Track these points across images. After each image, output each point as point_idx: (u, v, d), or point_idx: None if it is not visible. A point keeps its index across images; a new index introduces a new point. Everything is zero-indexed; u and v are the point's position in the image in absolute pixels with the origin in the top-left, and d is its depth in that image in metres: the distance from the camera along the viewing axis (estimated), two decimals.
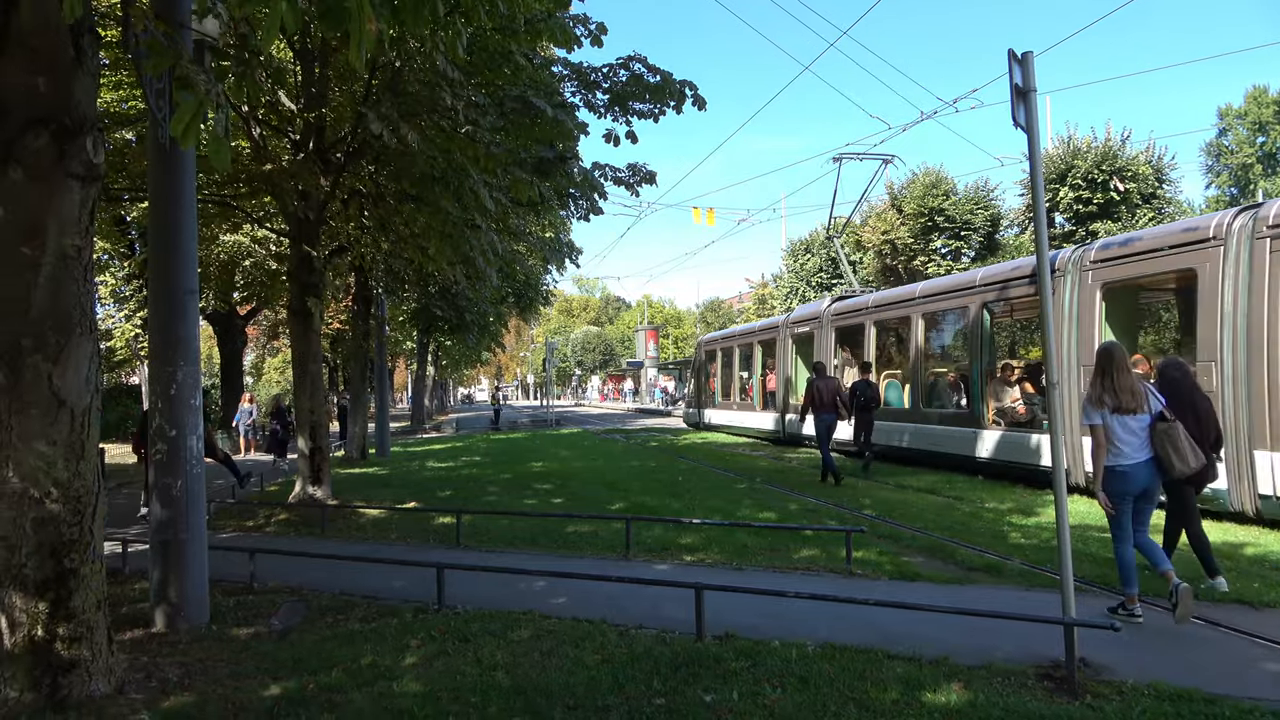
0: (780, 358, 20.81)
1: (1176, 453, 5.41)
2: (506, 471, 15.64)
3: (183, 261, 6.05)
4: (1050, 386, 4.79)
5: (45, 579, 4.03)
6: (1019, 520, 9.18)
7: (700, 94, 10.48)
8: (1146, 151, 26.14)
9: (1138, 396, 5.47)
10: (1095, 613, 5.34)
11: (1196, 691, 4.02)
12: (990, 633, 4.93)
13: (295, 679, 4.53)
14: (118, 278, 23.17)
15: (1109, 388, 5.51)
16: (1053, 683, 4.21)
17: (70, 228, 4.13)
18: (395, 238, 13.56)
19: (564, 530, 9.25)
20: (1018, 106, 4.69)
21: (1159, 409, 5.57)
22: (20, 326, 4.02)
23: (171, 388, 5.94)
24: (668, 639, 5.05)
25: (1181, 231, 9.56)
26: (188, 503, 5.96)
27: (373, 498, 12.34)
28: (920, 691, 4.08)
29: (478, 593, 6.31)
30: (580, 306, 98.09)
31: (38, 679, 4.00)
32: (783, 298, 39.54)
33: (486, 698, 4.13)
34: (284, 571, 7.43)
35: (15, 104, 3.99)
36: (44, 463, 4.04)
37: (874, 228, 31.42)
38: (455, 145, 9.44)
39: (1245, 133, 52.99)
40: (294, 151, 11.11)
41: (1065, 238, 25.23)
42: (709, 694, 4.11)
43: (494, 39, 9.03)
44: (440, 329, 27.41)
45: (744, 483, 12.94)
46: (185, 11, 5.62)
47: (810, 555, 7.57)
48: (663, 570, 7.31)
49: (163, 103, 5.63)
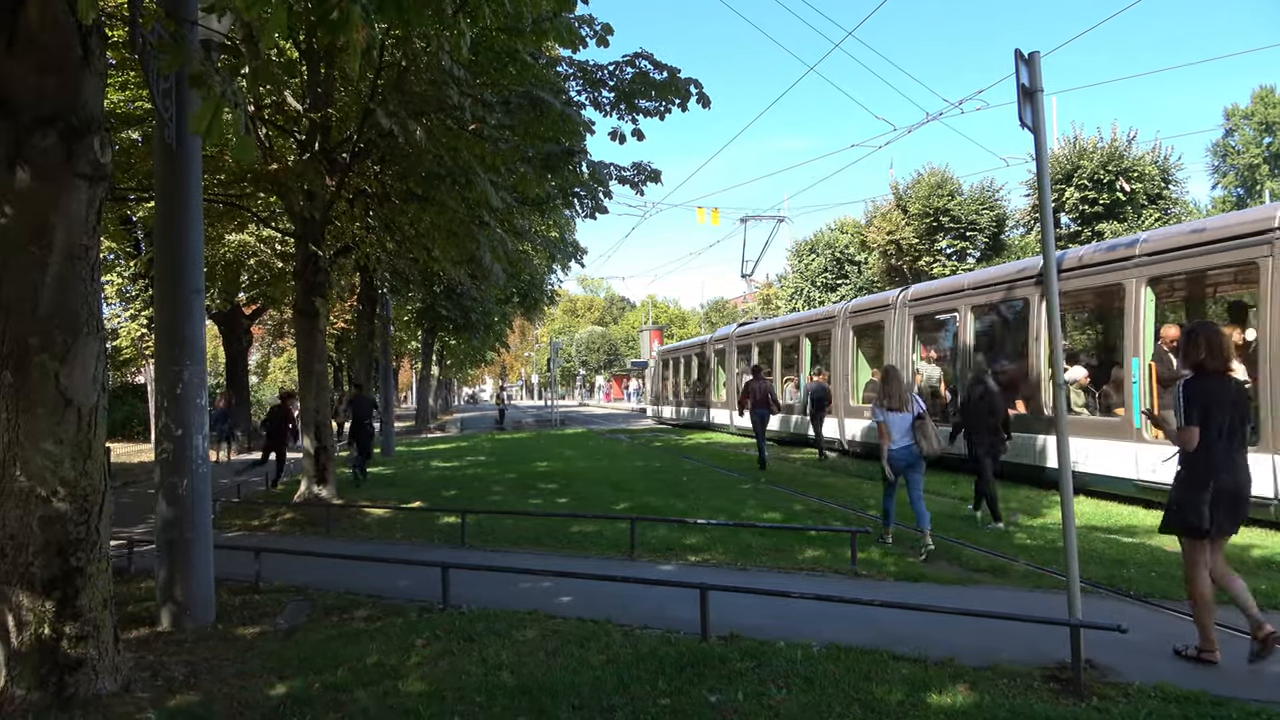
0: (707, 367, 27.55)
1: (926, 440, 7.71)
2: (511, 471, 15.66)
3: (189, 261, 6.06)
4: (1057, 387, 4.77)
5: (52, 577, 4.05)
6: (1024, 521, 9.16)
7: (705, 92, 10.48)
8: (1153, 152, 26.05)
9: (904, 401, 7.81)
10: (1102, 614, 5.33)
11: (1203, 694, 4.01)
12: (996, 634, 4.91)
13: (301, 678, 4.53)
14: (124, 277, 23.24)
15: (886, 394, 7.94)
16: (1059, 684, 4.19)
17: (77, 227, 4.15)
18: (400, 237, 13.57)
19: (569, 530, 9.25)
20: (1024, 106, 4.68)
21: (919, 410, 7.79)
22: (28, 326, 4.04)
23: (178, 387, 5.96)
24: (673, 639, 5.05)
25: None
26: (193, 502, 5.98)
27: (378, 497, 12.37)
28: (925, 693, 4.07)
29: (483, 592, 6.31)
30: (585, 306, 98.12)
31: (44, 677, 4.02)
32: (787, 298, 39.48)
33: (491, 697, 4.13)
34: (289, 571, 7.45)
35: (23, 104, 4.00)
36: (51, 461, 4.05)
37: (879, 228, 31.36)
38: (462, 144, 9.45)
39: (1252, 133, 52.78)
40: (300, 151, 11.13)
41: (1071, 238, 25.17)
42: (714, 694, 4.11)
43: (499, 39, 9.04)
44: (445, 329, 27.45)
45: (748, 483, 12.94)
46: (193, 10, 5.63)
47: (815, 556, 7.56)
48: (668, 570, 7.31)
49: (169, 102, 5.64)
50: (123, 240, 19.99)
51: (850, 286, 35.70)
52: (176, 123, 5.84)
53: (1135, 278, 10.07)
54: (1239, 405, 4.68)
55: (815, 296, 36.50)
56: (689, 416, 29.53)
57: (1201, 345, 4.67)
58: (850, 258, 36.80)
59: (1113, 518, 9.29)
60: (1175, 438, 4.67)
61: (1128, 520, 9.13)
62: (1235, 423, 4.62)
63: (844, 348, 17.19)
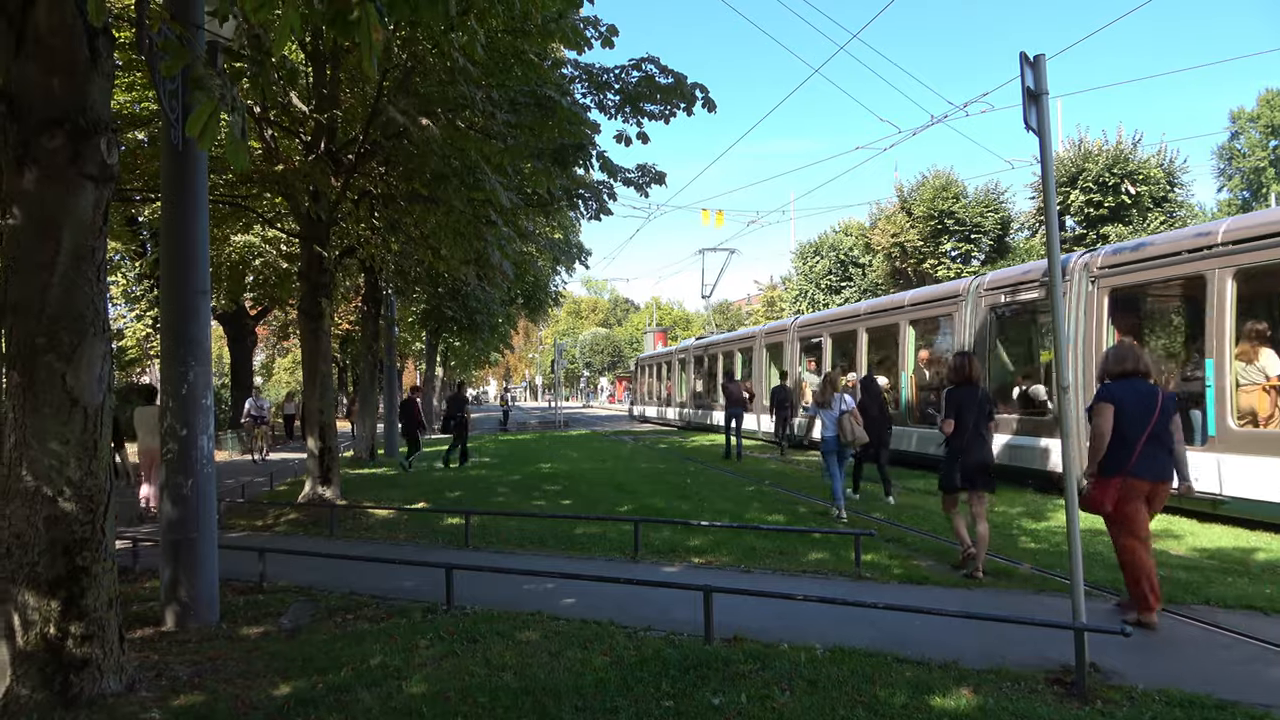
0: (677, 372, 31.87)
1: (844, 431, 9.73)
2: (515, 473, 15.66)
3: (194, 262, 6.08)
4: (1061, 390, 4.77)
5: (57, 577, 4.06)
6: (1029, 524, 9.14)
7: (710, 96, 10.49)
8: (1158, 155, 26.02)
9: (833, 400, 9.89)
10: (1106, 617, 5.32)
11: (1208, 697, 4.00)
12: (1000, 637, 4.91)
13: (305, 678, 4.54)
14: (129, 277, 23.32)
15: (821, 395, 10.19)
16: (1062, 687, 4.19)
17: (84, 228, 4.16)
18: (405, 238, 13.59)
19: (573, 532, 9.25)
20: (1029, 109, 4.67)
21: (845, 408, 9.82)
22: (34, 326, 4.05)
23: (183, 387, 5.98)
24: (676, 641, 5.05)
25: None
26: (199, 502, 5.99)
27: (382, 498, 12.38)
28: (929, 695, 4.07)
29: (486, 593, 6.32)
30: (589, 308, 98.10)
31: (50, 677, 4.03)
32: (791, 300, 39.47)
33: (495, 698, 4.13)
34: (293, 571, 7.46)
35: (31, 105, 4.02)
36: (57, 461, 4.06)
37: (884, 230, 31.36)
38: (469, 143, 9.46)
39: (1258, 136, 52.71)
40: (305, 152, 11.16)
41: (1076, 241, 25.14)
42: (717, 696, 4.11)
43: (505, 40, 9.06)
44: (449, 330, 27.47)
45: (752, 485, 12.93)
46: (199, 12, 5.65)
47: (819, 558, 7.56)
48: (671, 572, 7.31)
49: (175, 104, 5.66)
50: (129, 241, 20.11)
51: (855, 289, 35.69)
52: (182, 124, 5.86)
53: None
54: (982, 406, 6.98)
55: (820, 299, 36.49)
56: (655, 415, 35.38)
57: (958, 367, 7.16)
58: (855, 260, 36.80)
59: None
60: (941, 427, 7.13)
61: None
62: (980, 418, 6.94)
63: (759, 361, 22.93)
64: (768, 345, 22.44)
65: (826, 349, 18.75)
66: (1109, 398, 5.48)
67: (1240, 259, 8.76)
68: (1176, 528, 8.81)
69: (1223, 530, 8.62)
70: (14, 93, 4.04)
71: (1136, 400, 5.42)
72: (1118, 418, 5.40)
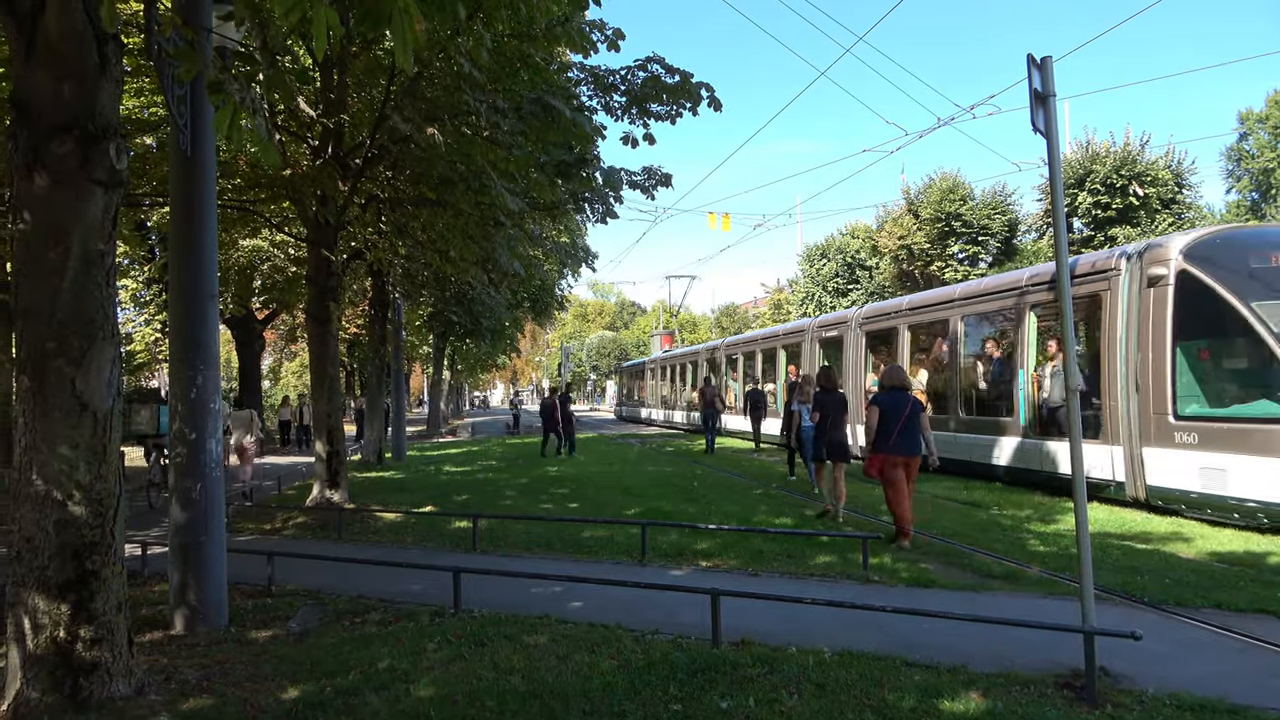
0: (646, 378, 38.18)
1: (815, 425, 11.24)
2: (522, 476, 15.66)
3: (203, 266, 6.11)
4: (1071, 393, 4.75)
5: (67, 581, 4.07)
6: (1038, 527, 9.11)
7: (716, 96, 10.49)
8: (1166, 156, 25.94)
9: (808, 399, 11.66)
10: (1116, 621, 5.29)
11: (1219, 702, 3.97)
12: (1009, 640, 4.88)
13: (313, 681, 4.55)
14: (138, 282, 23.41)
15: (799, 394, 12.44)
16: (1072, 691, 4.16)
17: (94, 233, 4.18)
18: (413, 242, 13.62)
19: (580, 535, 9.25)
20: (1037, 111, 4.67)
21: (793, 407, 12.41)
22: (44, 330, 4.07)
23: (191, 391, 6.00)
24: (684, 644, 5.04)
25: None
26: (207, 506, 6.01)
27: (389, 502, 12.39)
28: (938, 699, 4.05)
29: (494, 597, 6.32)
30: (595, 311, 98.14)
31: (59, 680, 4.04)
32: (798, 302, 39.43)
33: (502, 702, 4.13)
34: (301, 574, 7.46)
35: (41, 111, 4.04)
36: (67, 465, 4.08)
37: (890, 233, 31.31)
38: (476, 149, 9.48)
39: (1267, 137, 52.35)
40: (313, 157, 11.20)
41: (1084, 243, 25.05)
42: (725, 700, 4.10)
43: (510, 44, 9.08)
44: (456, 333, 27.53)
45: (759, 488, 12.91)
46: (208, 16, 5.67)
47: (826, 561, 7.54)
48: (679, 575, 7.31)
49: (184, 109, 5.69)
50: (137, 245, 20.13)
51: (861, 291, 35.62)
52: (191, 129, 5.89)
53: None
54: (841, 407, 10.21)
55: (826, 301, 36.44)
56: (630, 414, 41.99)
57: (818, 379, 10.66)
58: (862, 263, 36.75)
59: (1126, 524, 9.23)
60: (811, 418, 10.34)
61: (1141, 527, 9.07)
62: (838, 415, 10.07)
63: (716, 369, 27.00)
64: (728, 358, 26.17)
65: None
66: (876, 402, 8.36)
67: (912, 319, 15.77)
68: (1187, 531, 8.78)
69: (1233, 534, 8.57)
70: (24, 98, 4.06)
71: (893, 404, 8.18)
72: (882, 415, 8.17)
